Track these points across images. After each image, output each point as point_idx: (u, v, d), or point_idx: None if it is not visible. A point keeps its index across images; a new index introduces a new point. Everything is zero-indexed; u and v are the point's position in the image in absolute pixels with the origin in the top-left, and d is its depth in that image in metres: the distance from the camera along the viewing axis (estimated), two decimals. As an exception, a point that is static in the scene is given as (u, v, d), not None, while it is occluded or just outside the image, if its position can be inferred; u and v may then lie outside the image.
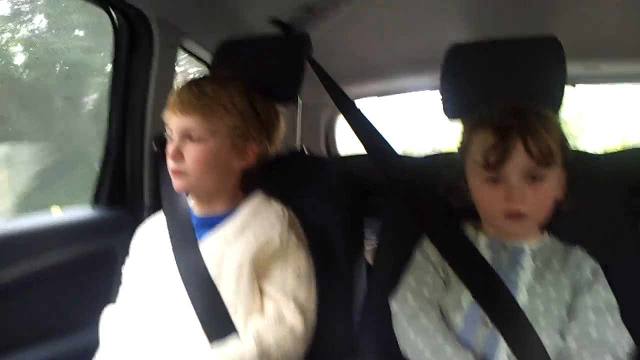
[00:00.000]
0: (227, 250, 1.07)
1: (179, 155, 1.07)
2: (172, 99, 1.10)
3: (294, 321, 1.03)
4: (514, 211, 0.91)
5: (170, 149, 1.08)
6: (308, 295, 1.07)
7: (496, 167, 0.91)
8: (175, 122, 1.08)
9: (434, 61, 1.18)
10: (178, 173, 1.08)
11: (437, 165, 1.07)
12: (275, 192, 1.19)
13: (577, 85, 2.13)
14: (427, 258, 1.02)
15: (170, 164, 1.08)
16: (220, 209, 1.14)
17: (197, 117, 1.07)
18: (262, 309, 1.05)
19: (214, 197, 1.14)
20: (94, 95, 1.70)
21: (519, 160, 0.90)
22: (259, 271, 1.06)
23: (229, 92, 1.10)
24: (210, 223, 1.12)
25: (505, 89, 1.08)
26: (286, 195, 1.18)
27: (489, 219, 0.98)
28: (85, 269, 1.33)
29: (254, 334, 1.00)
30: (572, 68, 1.07)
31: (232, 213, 1.13)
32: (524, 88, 1.08)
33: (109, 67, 1.48)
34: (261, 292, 1.07)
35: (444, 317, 0.96)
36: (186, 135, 1.08)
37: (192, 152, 1.07)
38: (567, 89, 1.07)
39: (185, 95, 1.09)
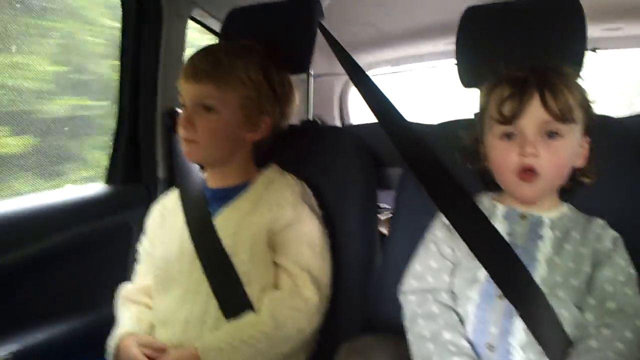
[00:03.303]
0: (241, 223, 1.07)
1: (190, 124, 1.05)
2: (186, 66, 1.08)
3: (309, 294, 1.02)
4: (527, 166, 0.87)
5: (182, 117, 1.07)
6: (322, 267, 1.07)
7: (512, 120, 0.88)
8: (188, 90, 1.07)
9: (449, 26, 1.15)
10: (188, 142, 1.07)
11: (452, 132, 1.04)
12: (288, 163, 1.18)
13: (599, 51, 2.06)
14: (437, 234, 1.00)
15: (182, 131, 1.07)
16: (234, 182, 1.13)
17: (211, 87, 1.05)
18: (276, 281, 1.05)
19: (226, 169, 1.14)
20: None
21: (535, 113, 0.87)
22: (273, 244, 1.06)
23: (245, 63, 1.08)
24: (224, 196, 1.12)
25: (523, 52, 1.04)
26: (299, 166, 1.17)
27: (503, 181, 0.94)
28: (100, 246, 1.34)
29: (268, 307, 1.00)
30: (592, 31, 1.03)
31: (246, 185, 1.12)
32: (543, 51, 1.04)
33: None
34: (276, 264, 1.06)
35: (456, 295, 0.94)
36: (199, 104, 1.06)
37: (204, 122, 1.06)
38: (589, 54, 1.03)
39: (199, 63, 1.07)
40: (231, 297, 1.02)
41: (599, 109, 0.94)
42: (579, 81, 0.95)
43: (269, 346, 0.98)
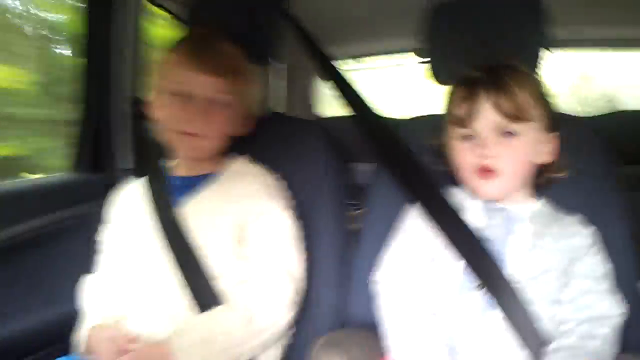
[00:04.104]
0: (209, 214, 1.05)
1: (204, 118, 1.03)
2: (188, 55, 1.04)
3: (282, 286, 1.01)
4: (485, 166, 0.89)
5: (192, 110, 1.03)
6: (295, 259, 1.06)
7: (466, 123, 0.90)
8: (199, 83, 1.04)
9: (417, 21, 1.15)
10: (197, 137, 1.05)
11: (426, 126, 1.05)
12: (257, 155, 1.16)
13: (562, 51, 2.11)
14: (410, 224, 1.00)
15: (192, 126, 1.04)
16: (202, 171, 1.12)
17: (228, 81, 1.05)
18: (248, 275, 1.02)
19: (204, 160, 1.12)
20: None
21: (488, 115, 0.88)
22: (244, 237, 1.04)
23: (241, 54, 1.09)
24: (191, 184, 1.10)
25: (486, 47, 1.06)
26: (268, 158, 1.16)
27: (465, 181, 0.96)
28: (62, 237, 1.30)
29: (241, 300, 0.98)
30: (556, 31, 1.05)
31: (214, 175, 1.11)
32: (503, 46, 1.06)
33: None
34: (247, 257, 1.04)
35: (432, 286, 0.94)
36: (213, 98, 1.04)
37: (216, 116, 1.05)
38: (549, 52, 1.05)
39: (213, 54, 1.05)
40: (201, 289, 1.00)
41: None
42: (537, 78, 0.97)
43: (242, 339, 0.97)
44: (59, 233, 1.30)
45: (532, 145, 0.91)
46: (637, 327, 0.94)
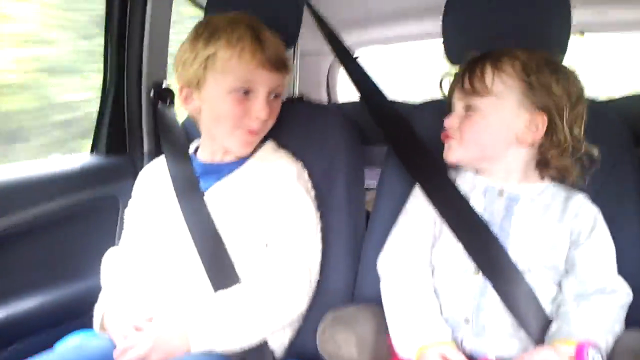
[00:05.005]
0: (234, 199, 1.07)
1: (266, 115, 1.07)
2: (251, 51, 1.03)
3: (299, 277, 1.03)
4: (444, 133, 0.98)
5: (263, 107, 1.05)
6: (314, 251, 1.07)
7: (450, 96, 0.99)
8: (263, 79, 1.05)
9: (437, 6, 1.15)
10: (255, 134, 1.09)
11: (437, 110, 1.05)
12: (277, 138, 1.18)
13: (587, 34, 2.07)
14: (416, 206, 1.02)
15: (253, 123, 1.06)
16: (231, 158, 1.13)
17: (284, 74, 1.09)
18: (267, 261, 1.04)
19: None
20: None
21: (458, 89, 0.97)
22: (266, 223, 1.05)
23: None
24: (218, 170, 1.11)
25: (507, 32, 1.06)
26: (285, 142, 1.18)
27: None
28: (86, 217, 1.34)
29: (258, 285, 1.00)
30: (579, 14, 1.04)
31: (241, 162, 1.11)
32: (524, 32, 1.06)
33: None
34: (268, 245, 1.06)
35: (434, 268, 0.96)
36: (272, 93, 1.07)
37: (275, 111, 1.10)
38: (575, 37, 1.04)
39: (274, 50, 1.06)
40: (221, 272, 1.02)
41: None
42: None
43: (255, 321, 0.98)
44: (83, 213, 1.33)
45: (499, 120, 0.93)
46: None
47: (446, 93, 1.03)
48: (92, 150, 1.47)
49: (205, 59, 1.03)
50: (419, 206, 1.01)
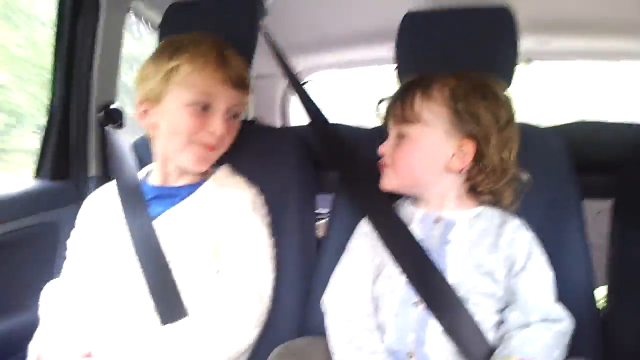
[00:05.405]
0: (187, 226, 1.04)
1: (225, 131, 1.06)
2: (214, 67, 1.03)
3: (250, 307, 1.00)
4: (380, 162, 0.99)
5: (214, 121, 1.04)
6: (266, 280, 1.05)
7: (387, 121, 1.01)
8: (224, 95, 1.05)
9: (390, 32, 1.16)
10: (211, 149, 1.07)
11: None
12: (231, 162, 1.16)
13: (533, 62, 2.14)
14: (358, 243, 1.02)
15: (210, 138, 1.05)
16: (184, 182, 1.11)
17: (245, 93, 1.09)
18: (218, 290, 1.01)
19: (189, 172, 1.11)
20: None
21: (393, 115, 0.98)
22: (219, 251, 1.03)
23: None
24: (173, 194, 1.08)
25: (457, 58, 1.08)
26: (239, 166, 1.15)
27: None
28: (25, 245, 1.27)
29: (207, 316, 0.97)
30: (525, 43, 1.07)
31: (197, 185, 1.09)
32: (474, 58, 1.08)
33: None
34: (219, 270, 1.03)
35: (378, 300, 0.95)
36: (231, 111, 1.07)
37: (233, 129, 1.10)
38: (522, 65, 1.07)
39: (238, 69, 1.07)
40: (168, 303, 0.98)
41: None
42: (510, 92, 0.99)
43: (205, 354, 0.94)
44: (22, 241, 1.26)
45: (428, 147, 0.94)
46: (589, 334, 0.95)
47: (383, 119, 1.04)
48: (36, 175, 1.40)
49: (168, 72, 1.03)
50: (361, 244, 1.01)
